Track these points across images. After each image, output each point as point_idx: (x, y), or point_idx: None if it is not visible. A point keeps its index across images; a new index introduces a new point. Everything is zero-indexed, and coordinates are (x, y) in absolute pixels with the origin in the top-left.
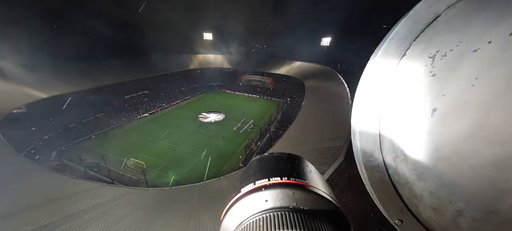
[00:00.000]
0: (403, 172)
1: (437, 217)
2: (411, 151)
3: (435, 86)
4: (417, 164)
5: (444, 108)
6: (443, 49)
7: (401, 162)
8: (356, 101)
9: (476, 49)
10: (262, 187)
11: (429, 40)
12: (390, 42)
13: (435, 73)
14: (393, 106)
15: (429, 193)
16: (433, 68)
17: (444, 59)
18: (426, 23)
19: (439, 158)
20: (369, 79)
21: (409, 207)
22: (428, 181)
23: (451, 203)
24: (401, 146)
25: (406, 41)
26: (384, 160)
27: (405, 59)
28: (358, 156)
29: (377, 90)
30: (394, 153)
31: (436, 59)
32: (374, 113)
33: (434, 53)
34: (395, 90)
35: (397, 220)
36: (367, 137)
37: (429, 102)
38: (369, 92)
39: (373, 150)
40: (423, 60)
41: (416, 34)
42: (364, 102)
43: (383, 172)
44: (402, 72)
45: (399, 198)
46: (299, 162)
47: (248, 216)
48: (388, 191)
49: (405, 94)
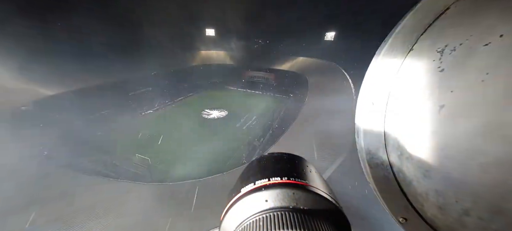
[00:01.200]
0: (408, 170)
1: (442, 216)
2: (417, 149)
3: (443, 82)
4: (422, 162)
5: (452, 105)
6: (452, 43)
7: (406, 160)
8: (361, 97)
9: (487, 43)
10: (262, 187)
11: (437, 34)
12: (397, 36)
13: (443, 69)
14: (398, 103)
15: (435, 192)
16: (441, 63)
17: (453, 53)
18: (435, 16)
19: (446, 156)
20: (374, 75)
21: (413, 206)
22: (434, 179)
23: (457, 202)
24: (407, 144)
25: (413, 35)
26: (388, 158)
27: (412, 54)
28: (362, 154)
29: (382, 86)
30: (399, 151)
31: (445, 54)
32: (379, 110)
33: (443, 47)
34: (401, 86)
35: (401, 218)
36: (372, 134)
37: (436, 98)
38: (374, 88)
39: (377, 147)
40: (431, 55)
41: (423, 28)
42: (369, 99)
43: (388, 170)
44: (408, 68)
45: (404, 196)
46: (299, 162)
47: (248, 216)
48: (392, 189)
49: (412, 91)
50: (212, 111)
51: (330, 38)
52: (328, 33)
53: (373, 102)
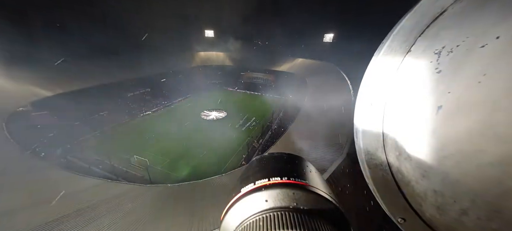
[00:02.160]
0: (406, 171)
1: (440, 216)
2: (415, 150)
3: (441, 83)
4: (421, 163)
5: (449, 106)
6: (449, 45)
7: (405, 160)
8: (359, 98)
9: (484, 45)
10: (262, 187)
11: (435, 35)
12: (395, 37)
13: (441, 70)
14: (397, 104)
15: (433, 192)
16: (438, 64)
17: (450, 55)
18: (432, 18)
19: (444, 156)
20: (372, 76)
21: (412, 206)
22: (432, 179)
23: (456, 202)
24: (405, 144)
25: (411, 36)
26: (387, 159)
27: (410, 55)
28: (361, 154)
29: (381, 87)
30: (398, 152)
31: (442, 55)
32: (378, 111)
33: (440, 49)
34: (400, 87)
35: (400, 219)
36: (370, 135)
37: (434, 99)
38: (373, 89)
39: (376, 148)
40: (428, 56)
41: (421, 30)
42: (368, 100)
43: (386, 171)
44: (406, 69)
45: (402, 197)
46: (299, 162)
47: (248, 216)
48: (391, 189)
49: (410, 92)
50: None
51: (328, 40)
52: (327, 34)
53: (372, 103)
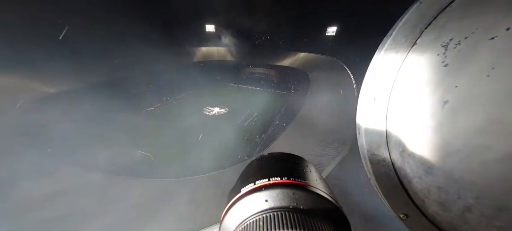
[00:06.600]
0: (410, 167)
1: (444, 213)
2: (419, 146)
3: (448, 77)
4: (425, 159)
5: (456, 101)
6: (457, 37)
7: (408, 156)
8: (363, 92)
9: (493, 37)
10: (262, 187)
11: (441, 27)
12: (400, 30)
13: (447, 63)
14: (401, 99)
15: (437, 188)
16: (445, 57)
17: (458, 47)
18: (439, 9)
19: (449, 152)
20: (376, 70)
21: (415, 202)
22: (436, 176)
23: (460, 198)
24: (409, 140)
25: (416, 29)
26: (390, 155)
27: (416, 49)
28: (363, 150)
29: (385, 81)
30: (401, 147)
31: (449, 48)
32: (381, 106)
33: (447, 41)
34: (404, 81)
35: (402, 215)
36: (373, 131)
37: (440, 94)
38: (376, 83)
39: (379, 144)
40: (435, 49)
41: (428, 21)
42: (371, 95)
43: (389, 167)
44: (412, 63)
45: (405, 193)
46: (299, 162)
47: (248, 216)
48: (393, 185)
49: (415, 86)
50: None
51: (332, 33)
52: (330, 28)
53: (375, 98)
